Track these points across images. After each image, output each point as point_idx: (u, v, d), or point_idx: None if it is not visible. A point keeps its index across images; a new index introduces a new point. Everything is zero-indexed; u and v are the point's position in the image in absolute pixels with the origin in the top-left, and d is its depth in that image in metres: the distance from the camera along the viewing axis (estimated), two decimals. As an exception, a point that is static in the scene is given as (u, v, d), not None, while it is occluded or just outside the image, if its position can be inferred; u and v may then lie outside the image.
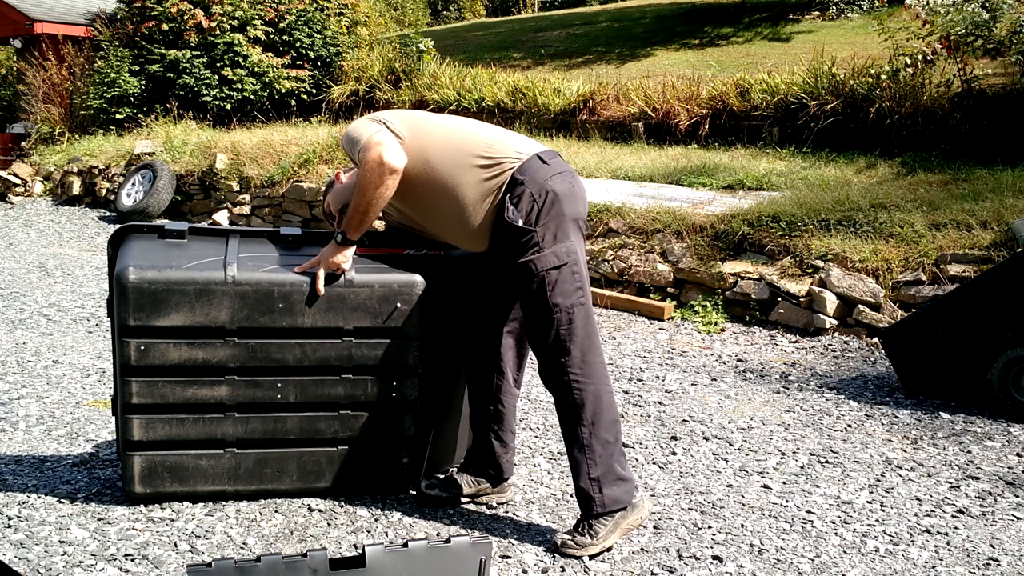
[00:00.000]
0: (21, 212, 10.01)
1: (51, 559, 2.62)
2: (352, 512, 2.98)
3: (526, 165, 2.72)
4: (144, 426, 2.85)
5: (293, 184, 8.63)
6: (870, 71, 7.70)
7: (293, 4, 11.75)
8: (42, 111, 12.35)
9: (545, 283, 2.68)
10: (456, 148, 2.77)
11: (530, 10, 25.67)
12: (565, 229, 2.71)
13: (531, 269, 2.68)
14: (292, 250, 3.01)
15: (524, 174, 2.70)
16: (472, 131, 2.86)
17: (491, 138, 2.82)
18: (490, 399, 2.99)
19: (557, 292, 2.68)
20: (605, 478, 2.71)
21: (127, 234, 2.95)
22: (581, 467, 2.73)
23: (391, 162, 2.67)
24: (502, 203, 2.70)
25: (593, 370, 2.73)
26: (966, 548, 2.85)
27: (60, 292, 6.34)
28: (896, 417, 4.04)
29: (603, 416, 2.72)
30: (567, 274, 2.69)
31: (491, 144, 2.78)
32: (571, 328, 2.70)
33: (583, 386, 2.71)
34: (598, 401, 2.72)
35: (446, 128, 2.87)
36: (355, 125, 2.84)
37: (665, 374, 4.68)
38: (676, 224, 6.16)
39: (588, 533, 2.71)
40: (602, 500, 2.71)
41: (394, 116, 2.85)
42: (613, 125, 9.11)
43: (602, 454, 2.71)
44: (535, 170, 2.71)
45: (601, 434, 2.72)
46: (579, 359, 2.71)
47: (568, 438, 2.76)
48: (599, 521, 2.72)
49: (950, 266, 5.06)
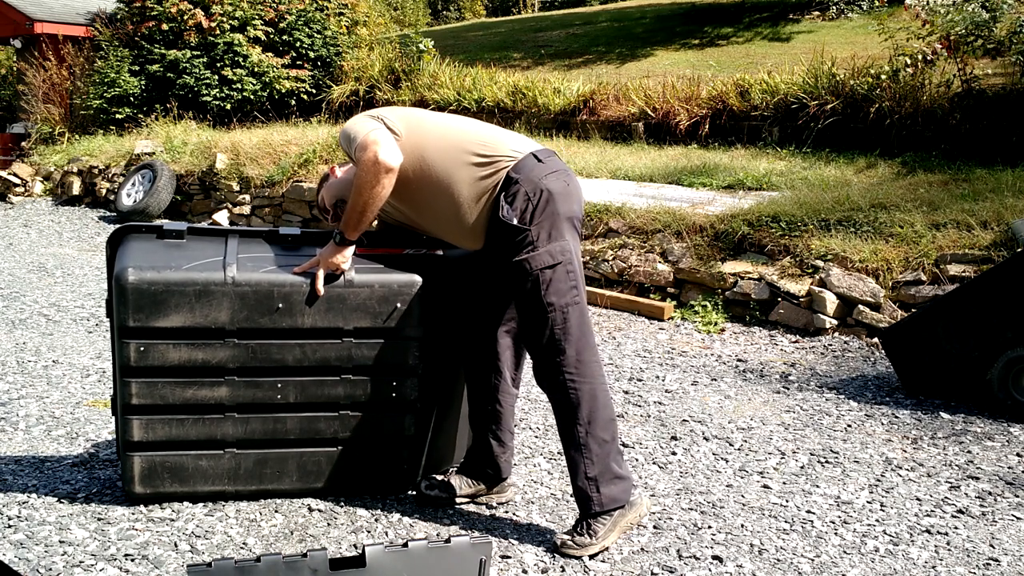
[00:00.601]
0: (21, 212, 10.01)
1: (51, 559, 2.62)
2: (352, 512, 2.98)
3: (521, 163, 2.72)
4: (144, 426, 2.85)
5: (293, 184, 8.63)
6: (870, 71, 7.70)
7: (293, 4, 11.75)
8: (42, 111, 12.35)
9: (539, 282, 2.67)
10: (452, 146, 2.77)
11: (530, 10, 25.66)
12: (560, 228, 2.71)
13: (525, 268, 2.68)
14: (292, 250, 3.01)
15: (519, 172, 2.70)
16: (468, 129, 2.86)
17: (487, 136, 2.82)
18: (488, 399, 2.98)
19: (551, 291, 2.68)
20: (602, 477, 2.71)
21: (126, 234, 2.95)
22: (578, 467, 2.73)
23: (387, 161, 2.66)
24: (497, 201, 2.70)
25: (588, 369, 2.72)
26: (966, 548, 2.85)
27: (60, 292, 6.34)
28: (896, 417, 4.04)
29: (599, 415, 2.72)
30: (561, 273, 2.69)
31: (487, 142, 2.78)
32: (566, 327, 2.69)
33: (579, 385, 2.70)
34: (594, 400, 2.72)
35: (443, 126, 2.87)
36: (352, 122, 2.84)
37: (665, 374, 4.68)
38: (676, 224, 6.16)
39: (587, 533, 2.71)
40: (600, 499, 2.71)
41: (392, 113, 2.85)
42: (613, 125, 9.11)
43: (599, 453, 2.71)
44: (530, 168, 2.71)
45: (597, 433, 2.71)
46: (574, 358, 2.70)
47: (565, 438, 2.76)
48: (598, 520, 2.72)
49: (950, 266, 5.06)
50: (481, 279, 2.93)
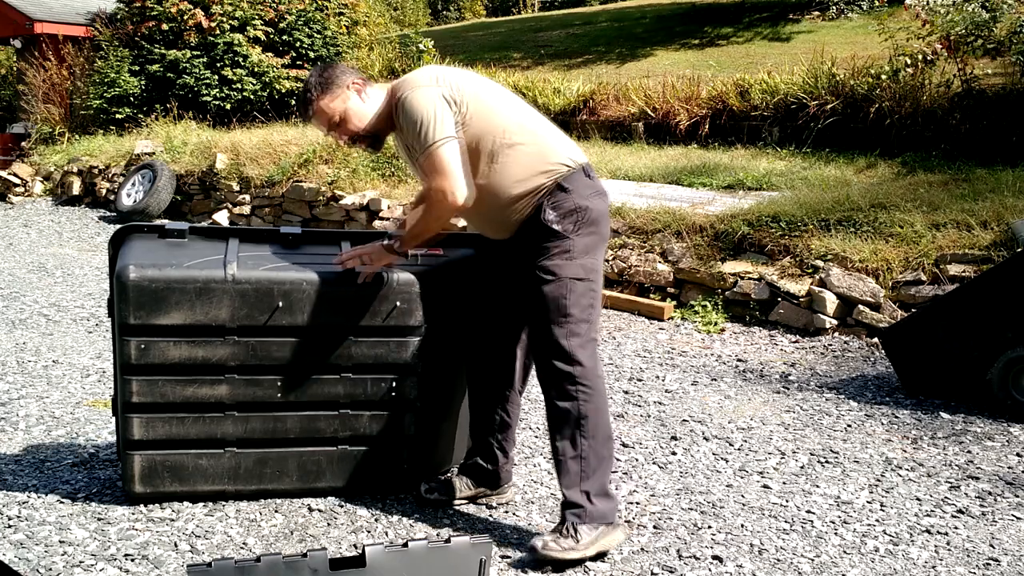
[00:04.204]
0: (21, 212, 10.00)
1: (51, 559, 2.62)
2: (352, 512, 2.98)
3: (574, 176, 2.74)
4: (144, 425, 2.85)
5: (293, 184, 8.63)
6: (870, 71, 7.70)
7: (293, 4, 11.75)
8: (42, 111, 12.35)
9: (565, 291, 2.68)
10: (513, 142, 2.72)
11: (530, 10, 25.65)
12: (596, 248, 2.77)
13: (555, 273, 2.68)
14: (292, 249, 3.01)
15: (571, 184, 2.72)
16: (533, 128, 2.79)
17: (548, 139, 2.78)
18: (497, 409, 2.99)
19: (573, 303, 2.69)
20: (596, 492, 2.70)
21: (128, 234, 2.96)
22: (574, 477, 2.70)
23: (458, 201, 2.64)
24: (541, 203, 2.71)
25: (596, 384, 2.73)
26: (966, 548, 2.85)
27: (60, 292, 6.33)
28: (896, 417, 4.04)
29: (601, 431, 2.73)
30: (585, 289, 2.71)
31: (548, 146, 2.75)
32: (582, 338, 2.70)
33: (589, 398, 2.70)
34: (599, 415, 2.72)
35: (508, 117, 2.76)
36: (419, 100, 2.68)
37: (665, 374, 4.68)
38: (676, 224, 6.15)
39: (572, 536, 2.65)
40: (591, 511, 2.68)
41: (460, 90, 2.72)
42: (613, 125, 9.11)
43: (596, 468, 2.71)
44: (582, 183, 2.75)
45: (598, 448, 2.71)
46: (584, 371, 2.70)
47: (563, 446, 2.71)
48: (586, 525, 2.67)
49: (950, 266, 5.06)
50: (493, 288, 2.92)
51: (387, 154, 8.48)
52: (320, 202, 8.34)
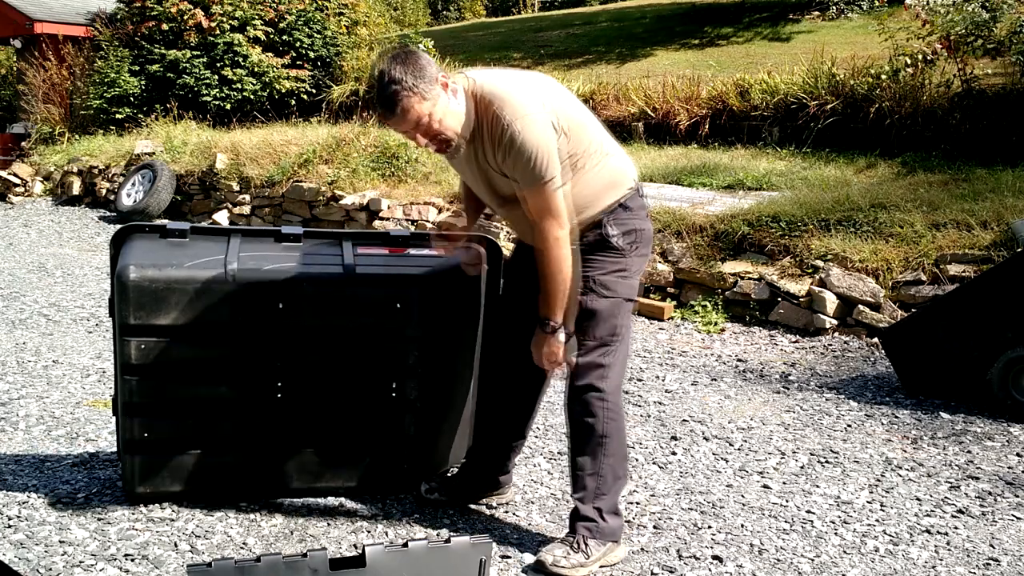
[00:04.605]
0: (21, 212, 10.00)
1: (51, 559, 2.62)
2: (352, 512, 2.98)
3: (633, 198, 2.72)
4: (145, 425, 2.85)
5: (293, 184, 8.63)
6: (870, 71, 7.70)
7: (293, 4, 11.75)
8: (42, 111, 12.35)
9: (617, 309, 2.69)
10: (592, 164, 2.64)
11: (530, 10, 25.64)
12: (642, 270, 2.79)
13: (611, 289, 2.68)
14: (293, 249, 3.01)
15: (632, 203, 2.71)
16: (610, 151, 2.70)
17: (619, 159, 2.72)
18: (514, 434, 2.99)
19: (620, 323, 2.70)
20: (608, 509, 2.72)
21: (129, 234, 2.95)
22: (589, 492, 2.70)
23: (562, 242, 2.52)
24: (602, 220, 2.66)
25: (620, 404, 2.75)
26: (966, 548, 2.85)
27: (60, 292, 6.33)
28: (896, 417, 4.04)
29: (620, 451, 2.74)
30: (628, 308, 2.74)
31: (618, 170, 2.70)
32: (617, 359, 2.71)
33: (614, 417, 2.71)
34: (620, 435, 2.74)
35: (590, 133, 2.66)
36: (534, 132, 2.46)
37: (665, 374, 4.68)
38: (676, 224, 6.16)
39: (583, 551, 2.66)
40: (603, 527, 2.70)
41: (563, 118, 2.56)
42: (613, 125, 9.10)
43: (612, 488, 2.73)
44: (640, 205, 2.75)
45: (616, 468, 2.73)
46: (613, 391, 2.71)
47: (583, 461, 2.71)
48: (595, 541, 2.68)
49: (950, 266, 5.06)
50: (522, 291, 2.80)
51: (387, 154, 8.49)
52: (320, 202, 8.34)
